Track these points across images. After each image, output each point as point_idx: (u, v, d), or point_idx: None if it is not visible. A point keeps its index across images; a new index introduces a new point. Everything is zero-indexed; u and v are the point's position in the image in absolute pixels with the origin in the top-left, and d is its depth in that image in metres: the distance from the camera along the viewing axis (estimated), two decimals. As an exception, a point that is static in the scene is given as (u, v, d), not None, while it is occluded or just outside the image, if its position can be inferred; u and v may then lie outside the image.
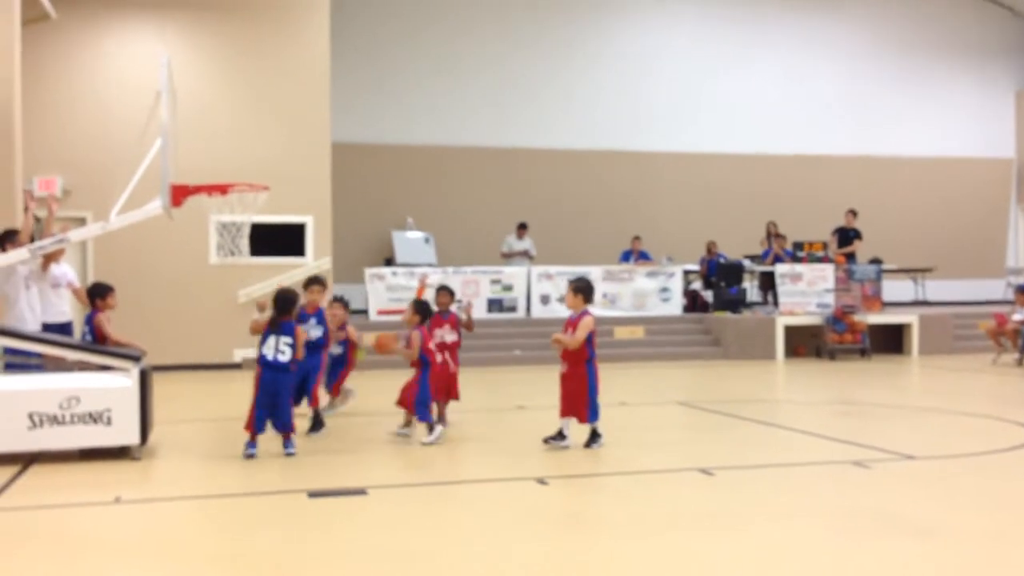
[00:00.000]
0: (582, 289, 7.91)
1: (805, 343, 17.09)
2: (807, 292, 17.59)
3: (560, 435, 7.90)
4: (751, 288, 19.41)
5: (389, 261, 19.08)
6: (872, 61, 23.59)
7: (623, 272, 18.34)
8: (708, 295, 19.18)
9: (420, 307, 8.49)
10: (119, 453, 7.56)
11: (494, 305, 17.51)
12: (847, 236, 18.89)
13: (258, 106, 16.31)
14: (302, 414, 9.02)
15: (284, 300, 7.88)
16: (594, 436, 7.96)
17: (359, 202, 19.81)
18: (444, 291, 9.58)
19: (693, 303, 19.21)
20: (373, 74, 20.73)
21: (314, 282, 9.29)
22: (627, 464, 7.45)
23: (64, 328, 9.76)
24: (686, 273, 19.16)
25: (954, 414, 10.21)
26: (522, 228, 19.56)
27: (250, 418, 7.68)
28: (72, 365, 8.12)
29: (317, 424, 8.95)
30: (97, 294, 8.86)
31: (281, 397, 7.75)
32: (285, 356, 7.75)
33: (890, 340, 17.53)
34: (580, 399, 7.82)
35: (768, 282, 18.75)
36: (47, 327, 9.47)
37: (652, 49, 22.37)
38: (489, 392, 12.44)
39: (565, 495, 6.65)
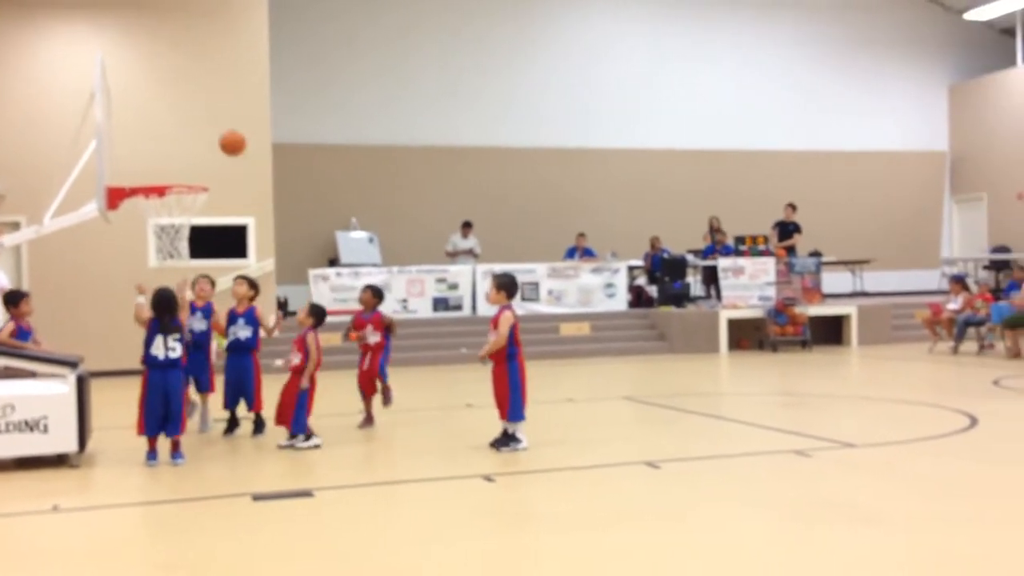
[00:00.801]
0: (504, 285, 7.84)
1: (748, 336, 17.31)
2: (749, 286, 17.80)
3: (513, 438, 7.69)
4: (695, 282, 19.61)
5: (333, 262, 18.92)
6: (808, 57, 23.93)
7: (568, 269, 18.42)
8: (652, 290, 19.33)
9: (315, 310, 8.38)
10: (56, 461, 7.39)
11: (440, 304, 17.46)
12: (787, 230, 19.15)
13: (197, 107, 16.02)
14: (245, 417, 8.94)
15: (161, 301, 7.52)
16: (509, 439, 7.66)
17: (302, 203, 19.61)
18: (368, 290, 9.29)
19: (638, 298, 19.34)
20: (314, 74, 20.53)
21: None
22: (574, 459, 7.48)
23: (-3, 335, 9.50)
24: (630, 269, 19.29)
25: (893, 402, 10.42)
26: (467, 227, 19.53)
27: (140, 423, 7.46)
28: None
29: (259, 426, 8.84)
30: (9, 302, 8.43)
31: (174, 396, 7.47)
32: (176, 352, 7.49)
33: (830, 331, 17.82)
34: (506, 397, 7.66)
35: (711, 276, 18.95)
36: (-20, 335, 9.22)
37: (595, 47, 22.45)
38: (436, 391, 12.41)
39: (513, 492, 6.67)
